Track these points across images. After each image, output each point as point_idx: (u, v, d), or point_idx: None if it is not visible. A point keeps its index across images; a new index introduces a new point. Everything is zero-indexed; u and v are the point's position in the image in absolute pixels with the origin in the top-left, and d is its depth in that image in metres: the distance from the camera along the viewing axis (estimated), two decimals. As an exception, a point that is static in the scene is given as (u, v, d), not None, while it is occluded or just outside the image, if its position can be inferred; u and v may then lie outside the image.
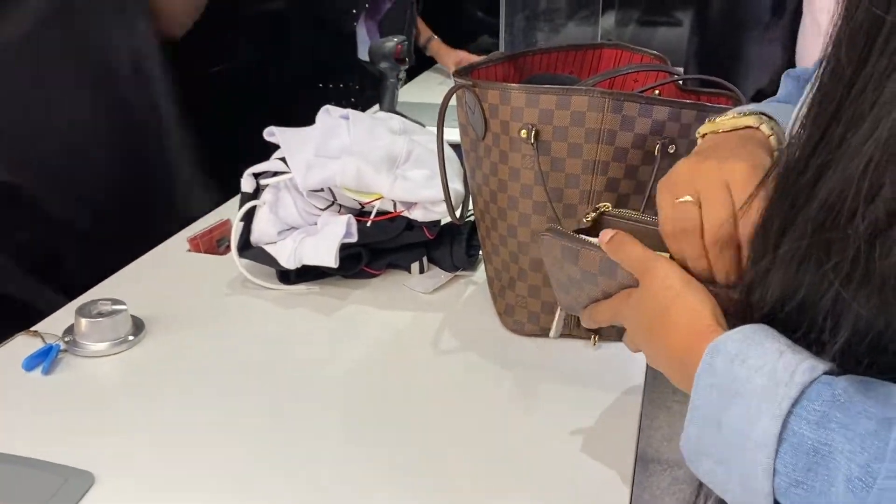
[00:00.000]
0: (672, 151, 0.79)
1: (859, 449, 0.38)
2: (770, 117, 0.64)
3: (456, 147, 0.96)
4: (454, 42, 2.38)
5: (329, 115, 1.03)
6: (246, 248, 0.99)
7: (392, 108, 1.65)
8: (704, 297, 0.51)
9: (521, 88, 0.79)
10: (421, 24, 2.36)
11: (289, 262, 0.95)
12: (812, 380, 0.41)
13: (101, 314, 0.86)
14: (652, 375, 0.76)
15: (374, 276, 1.02)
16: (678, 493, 1.50)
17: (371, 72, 1.79)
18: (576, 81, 0.98)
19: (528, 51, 1.00)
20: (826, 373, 0.42)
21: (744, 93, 0.85)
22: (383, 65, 1.59)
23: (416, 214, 1.00)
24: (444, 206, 0.92)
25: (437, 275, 1.04)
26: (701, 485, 0.51)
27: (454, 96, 0.85)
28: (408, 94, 1.95)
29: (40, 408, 0.77)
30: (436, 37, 2.36)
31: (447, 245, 1.03)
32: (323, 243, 0.95)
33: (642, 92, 0.87)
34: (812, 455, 0.39)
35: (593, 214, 0.68)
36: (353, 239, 0.97)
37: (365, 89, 2.10)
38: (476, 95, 0.83)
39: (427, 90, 2.17)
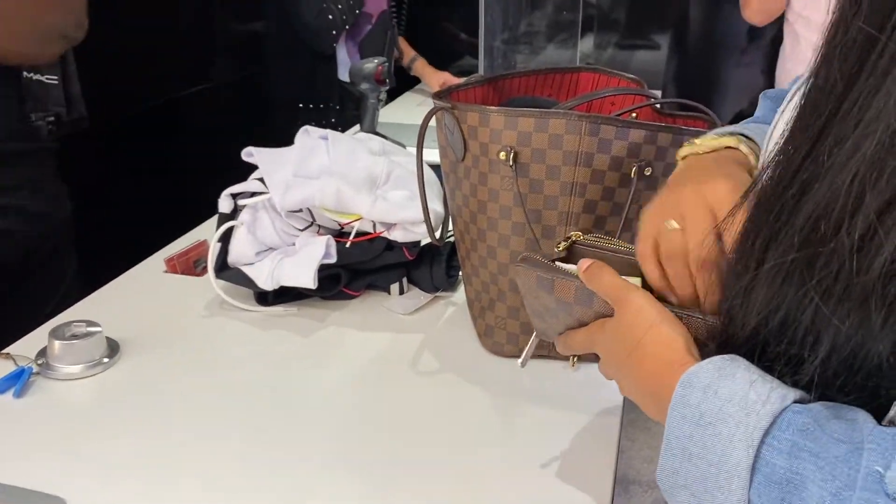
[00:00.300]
0: (648, 174, 0.80)
1: (830, 476, 0.38)
2: (748, 137, 0.65)
3: (436, 168, 0.96)
4: (436, 63, 2.40)
5: (308, 135, 1.03)
6: (223, 269, 0.98)
7: (372, 129, 1.66)
8: (678, 328, 0.52)
9: (500, 111, 0.80)
10: (405, 45, 2.38)
11: (266, 284, 0.95)
12: (783, 408, 0.41)
13: (74, 336, 0.85)
14: (631, 396, 0.76)
15: (353, 297, 1.02)
16: (659, 515, 1.50)
17: (352, 92, 1.79)
18: (554, 104, 0.99)
19: (507, 73, 1.01)
20: (796, 401, 0.42)
21: (723, 117, 0.86)
22: (364, 86, 1.59)
23: (396, 235, 0.99)
24: (424, 227, 0.92)
25: (417, 296, 1.03)
26: None
27: (433, 118, 0.85)
28: (388, 114, 1.96)
29: (11, 431, 0.75)
30: (420, 57, 2.37)
31: (427, 266, 1.03)
32: (301, 264, 0.94)
33: (619, 115, 0.88)
34: (785, 485, 0.39)
35: (564, 244, 0.69)
36: (333, 260, 0.96)
37: (345, 110, 2.11)
38: (455, 117, 0.83)
39: (407, 111, 2.18)
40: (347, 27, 2.01)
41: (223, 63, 2.54)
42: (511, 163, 0.80)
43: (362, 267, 1.00)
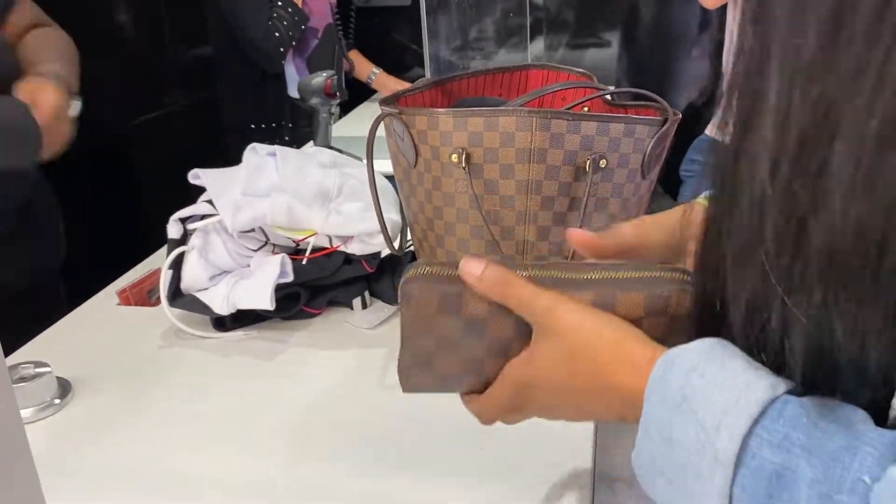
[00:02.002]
0: (603, 166, 0.78)
1: (822, 477, 0.35)
2: None
3: (390, 178, 0.94)
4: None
5: (256, 153, 1.00)
6: (177, 296, 0.95)
7: (326, 143, 1.63)
8: (628, 326, 0.47)
9: (449, 112, 0.78)
10: (361, 58, 2.36)
11: (223, 308, 0.92)
12: (773, 398, 0.38)
13: (23, 378, 0.81)
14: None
15: (314, 315, 0.99)
16: (645, 511, 1.48)
17: (303, 108, 1.77)
18: (504, 103, 0.97)
19: (454, 75, 0.99)
20: (788, 392, 0.39)
21: (676, 107, 0.85)
22: (314, 100, 1.57)
23: (354, 248, 0.97)
24: (381, 238, 0.89)
25: (381, 308, 1.01)
26: None
27: (382, 125, 0.83)
28: (343, 128, 1.94)
29: (-42, 485, 0.71)
30: (379, 69, 2.35)
31: (388, 277, 1.00)
32: (257, 286, 0.91)
33: (570, 108, 0.87)
34: (775, 479, 0.37)
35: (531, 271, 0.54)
36: (289, 278, 0.94)
37: (298, 127, 2.08)
38: (404, 122, 0.81)
39: (362, 123, 2.16)
40: (294, 43, 1.99)
41: (173, 90, 2.50)
42: (464, 164, 0.78)
43: (321, 283, 0.97)
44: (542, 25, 2.72)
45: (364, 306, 1.01)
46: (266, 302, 0.90)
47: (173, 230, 0.97)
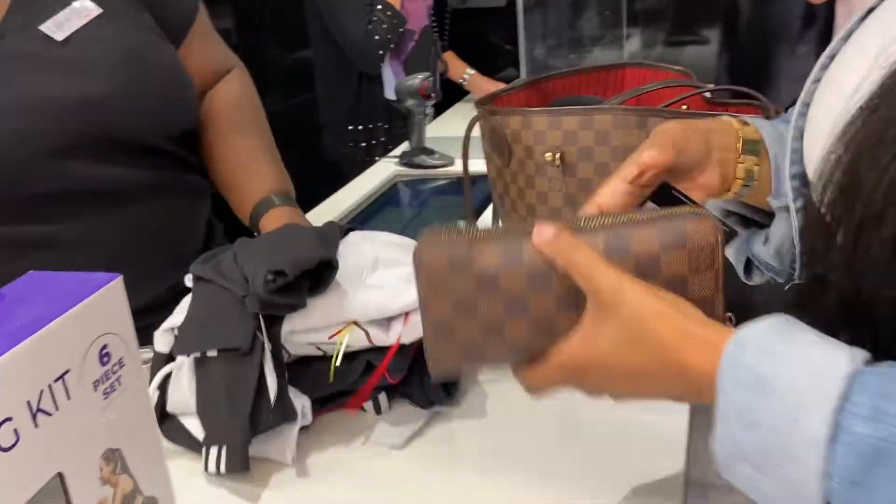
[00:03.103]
0: (702, 164, 0.77)
1: None
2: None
3: (482, 177, 0.94)
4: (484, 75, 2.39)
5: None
6: (163, 419, 0.74)
7: (420, 144, 1.66)
8: (692, 308, 0.46)
9: (543, 111, 0.78)
10: (455, 59, 2.38)
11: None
12: (855, 371, 0.38)
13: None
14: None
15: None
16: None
17: (399, 109, 1.80)
18: (599, 103, 0.97)
19: (549, 75, 0.99)
20: (865, 363, 0.38)
21: (779, 105, 0.83)
22: (409, 102, 1.60)
23: (395, 332, 0.73)
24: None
25: (408, 415, 0.76)
26: None
27: (477, 126, 0.85)
28: (437, 128, 1.96)
29: None
30: (473, 70, 2.37)
31: (417, 374, 0.75)
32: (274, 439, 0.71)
33: (667, 106, 0.86)
34: (873, 454, 0.36)
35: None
36: (308, 421, 0.73)
37: (393, 127, 2.12)
38: (498, 122, 0.82)
39: (456, 124, 2.18)
40: (392, 46, 2.03)
41: (273, 92, 2.59)
42: (558, 163, 0.79)
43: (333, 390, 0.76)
44: (639, 23, 2.67)
45: (378, 411, 0.76)
46: (288, 457, 0.71)
47: (161, 342, 0.76)
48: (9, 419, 0.38)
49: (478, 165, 0.96)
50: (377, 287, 0.74)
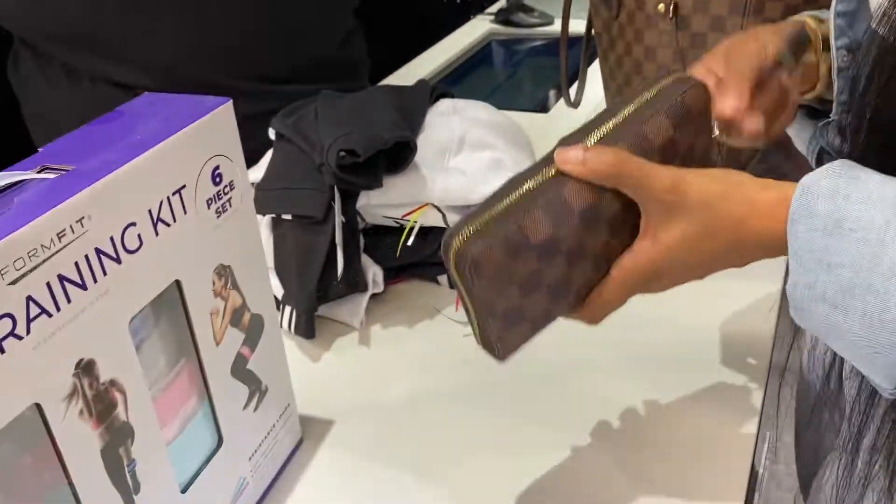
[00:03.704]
0: (829, 22, 0.72)
1: None
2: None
3: (578, 39, 0.90)
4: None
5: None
6: None
7: (519, 0, 1.60)
8: (744, 176, 0.46)
9: (660, -43, 0.73)
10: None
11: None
12: None
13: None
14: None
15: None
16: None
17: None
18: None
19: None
20: None
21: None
22: (510, -46, 1.52)
23: None
24: None
25: None
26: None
27: (586, -28, 0.80)
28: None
29: None
30: None
31: None
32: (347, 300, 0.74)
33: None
34: None
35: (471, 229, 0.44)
36: (380, 289, 0.75)
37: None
38: (610, -31, 0.77)
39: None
40: None
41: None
42: (671, 16, 0.74)
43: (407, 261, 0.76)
44: None
45: (451, 286, 0.76)
46: (356, 321, 0.73)
47: None
48: (133, 224, 0.40)
49: (577, 26, 0.92)
50: (460, 172, 0.72)
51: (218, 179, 0.47)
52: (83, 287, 0.37)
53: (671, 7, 0.74)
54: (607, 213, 0.46)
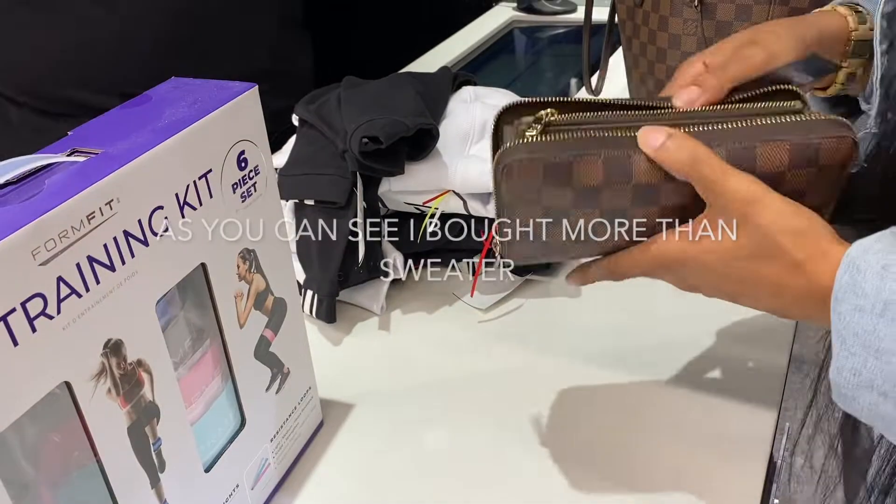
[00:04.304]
0: (858, 11, 0.71)
1: None
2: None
3: (601, 26, 0.90)
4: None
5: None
6: None
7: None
8: (823, 224, 0.43)
9: (686, -55, 0.73)
10: None
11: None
12: None
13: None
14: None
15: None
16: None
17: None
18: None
19: None
20: None
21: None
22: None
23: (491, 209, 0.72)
24: None
25: (499, 279, 0.76)
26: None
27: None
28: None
29: None
30: None
31: None
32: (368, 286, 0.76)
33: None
34: None
35: (539, 127, 0.46)
36: (401, 275, 0.75)
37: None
38: (635, -44, 0.77)
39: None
40: None
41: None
42: (696, 4, 0.74)
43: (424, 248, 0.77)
44: None
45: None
46: (376, 307, 0.75)
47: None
48: (160, 207, 0.41)
49: (600, 14, 0.91)
50: (481, 159, 0.72)
51: (243, 164, 0.47)
52: (111, 268, 0.38)
53: (697, -5, 0.73)
54: (664, 198, 0.45)
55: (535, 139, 0.44)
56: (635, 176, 0.44)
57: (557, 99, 0.47)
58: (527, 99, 0.47)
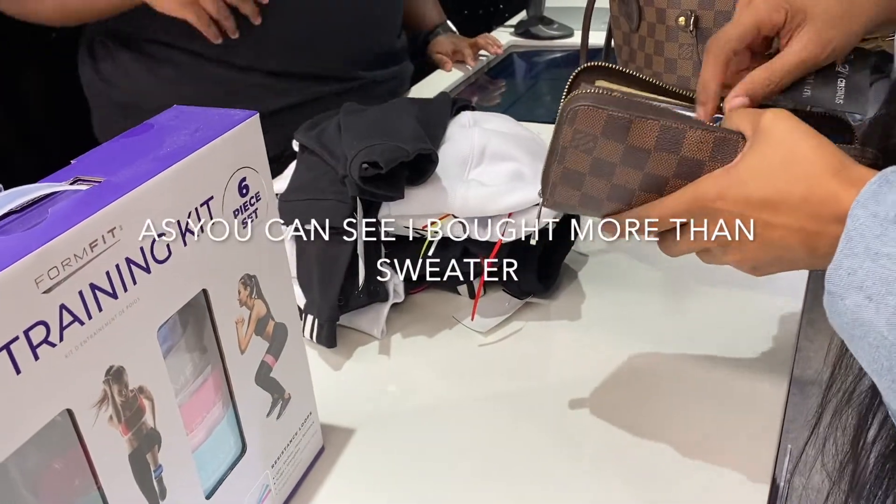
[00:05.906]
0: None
1: None
2: None
3: (598, 50, 0.91)
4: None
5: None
6: None
7: (539, 13, 1.61)
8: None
9: (680, -29, 0.74)
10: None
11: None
12: None
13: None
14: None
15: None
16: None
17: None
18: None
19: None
20: None
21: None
22: (530, -32, 1.53)
23: (494, 233, 0.73)
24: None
25: (499, 301, 0.77)
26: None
27: (606, -14, 0.81)
28: (555, -1, 1.88)
29: None
30: None
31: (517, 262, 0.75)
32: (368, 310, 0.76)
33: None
34: None
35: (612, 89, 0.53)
36: (401, 299, 0.77)
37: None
38: (630, -18, 0.78)
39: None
40: None
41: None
42: (691, 28, 0.75)
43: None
44: None
45: (472, 295, 0.78)
46: (376, 331, 0.75)
47: None
48: (162, 234, 0.41)
49: (597, 38, 0.92)
50: (480, 184, 0.72)
51: (245, 191, 0.48)
52: (114, 296, 0.38)
53: (692, 20, 0.74)
54: (703, 174, 0.49)
55: (605, 93, 0.49)
56: (685, 148, 0.48)
57: (635, 73, 0.55)
58: (609, 64, 0.54)
